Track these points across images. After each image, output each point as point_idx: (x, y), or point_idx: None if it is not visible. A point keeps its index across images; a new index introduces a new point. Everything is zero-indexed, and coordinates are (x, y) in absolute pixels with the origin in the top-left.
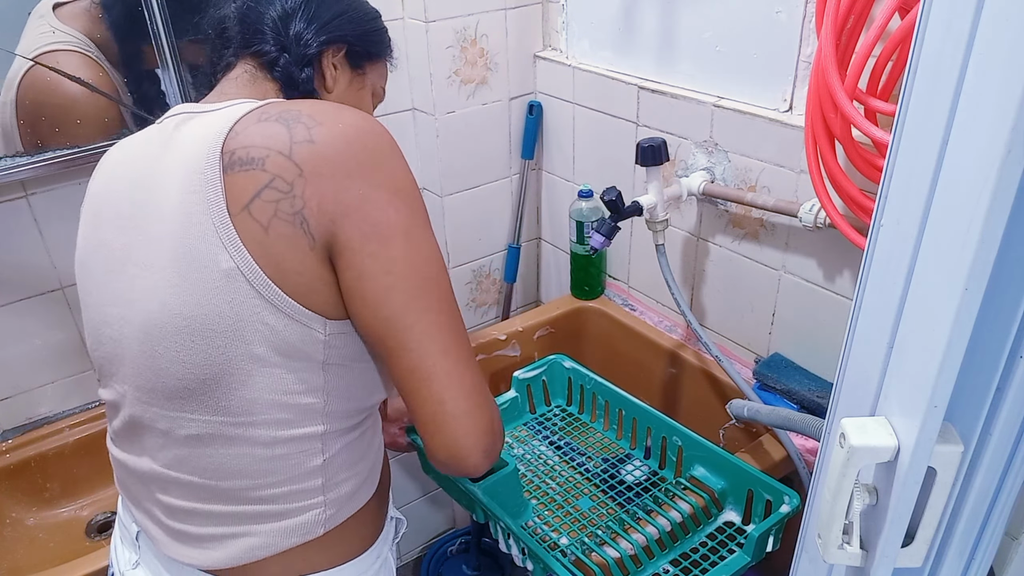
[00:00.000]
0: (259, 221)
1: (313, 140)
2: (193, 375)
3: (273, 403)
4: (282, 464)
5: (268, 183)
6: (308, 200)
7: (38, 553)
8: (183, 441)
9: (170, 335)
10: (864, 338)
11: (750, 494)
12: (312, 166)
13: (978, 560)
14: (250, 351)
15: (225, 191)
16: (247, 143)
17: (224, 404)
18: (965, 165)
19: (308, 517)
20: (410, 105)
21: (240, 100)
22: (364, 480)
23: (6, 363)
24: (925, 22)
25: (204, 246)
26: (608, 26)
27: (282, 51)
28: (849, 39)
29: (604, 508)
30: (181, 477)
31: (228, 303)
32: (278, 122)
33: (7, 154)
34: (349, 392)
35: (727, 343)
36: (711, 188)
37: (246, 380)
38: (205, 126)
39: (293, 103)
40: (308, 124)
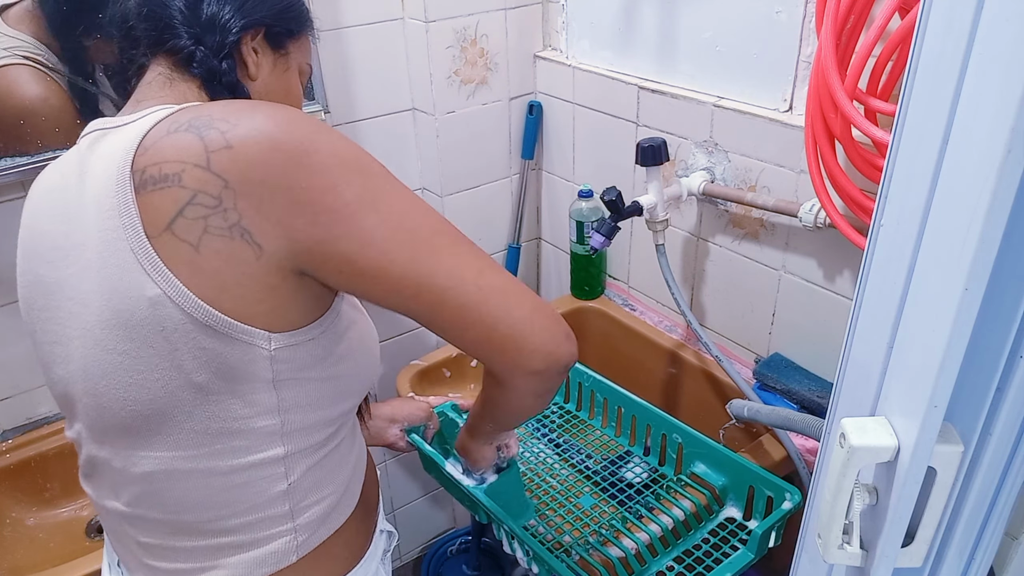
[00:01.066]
0: (187, 240)
1: (231, 145)
2: (137, 412)
3: (224, 431)
4: (242, 493)
5: (190, 199)
6: (244, 211)
7: (38, 553)
8: (139, 478)
9: (109, 373)
10: (864, 338)
11: (751, 490)
12: (238, 174)
13: (978, 560)
14: (190, 380)
15: (140, 213)
16: (158, 158)
17: (173, 439)
18: (965, 165)
19: (278, 545)
20: (410, 105)
21: (155, 107)
22: (339, 499)
23: (6, 363)
24: (925, 22)
25: (126, 275)
26: (608, 26)
27: (197, 43)
28: (849, 39)
29: (606, 506)
30: (144, 514)
31: (159, 333)
32: (189, 131)
33: (7, 154)
34: (308, 407)
35: (727, 343)
36: (711, 188)
37: (192, 411)
38: (116, 144)
39: (203, 107)
40: (222, 128)
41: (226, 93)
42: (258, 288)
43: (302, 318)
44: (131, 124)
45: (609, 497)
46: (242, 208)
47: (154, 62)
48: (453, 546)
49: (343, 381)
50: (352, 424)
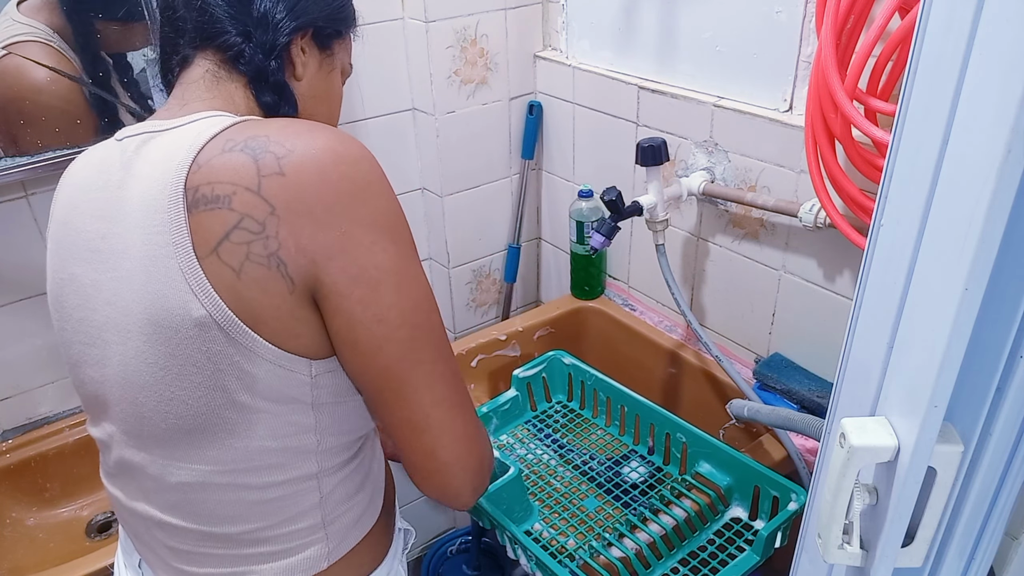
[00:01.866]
0: (230, 265)
1: (283, 172)
2: (177, 426)
3: (263, 449)
4: (278, 507)
5: (237, 223)
6: (284, 241)
7: (38, 553)
8: (175, 487)
9: (149, 385)
10: (864, 338)
11: (756, 490)
12: (285, 202)
13: (978, 560)
14: (233, 400)
15: (191, 232)
16: (212, 178)
17: (212, 453)
18: (965, 165)
19: (310, 553)
20: (410, 105)
21: (203, 114)
22: (366, 507)
23: (6, 363)
24: (925, 22)
25: (173, 293)
26: (608, 26)
27: (247, 40)
28: (849, 39)
29: (610, 508)
30: (177, 523)
31: (204, 354)
32: (244, 152)
33: (7, 154)
34: (342, 427)
35: (727, 343)
36: (711, 188)
37: (233, 429)
38: (166, 152)
39: (261, 125)
40: (277, 153)
41: (272, 93)
42: (293, 321)
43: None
44: (181, 129)
45: (613, 499)
46: (282, 237)
47: (200, 56)
48: (453, 546)
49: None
50: (372, 437)
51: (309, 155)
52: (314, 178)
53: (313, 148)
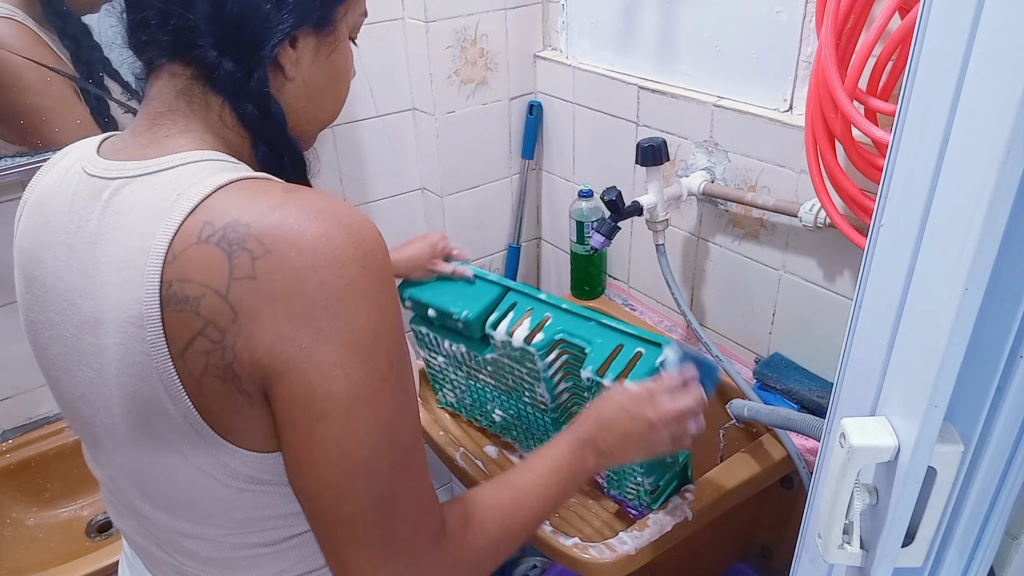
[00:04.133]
0: (192, 374)
1: (255, 276)
2: (172, 499)
3: (267, 517)
4: (294, 553)
5: (201, 330)
6: (239, 352)
7: (38, 553)
8: (179, 537)
9: (145, 466)
10: (864, 338)
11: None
12: (249, 308)
13: (978, 560)
14: (223, 484)
15: (165, 331)
16: (184, 275)
17: (214, 520)
18: (965, 165)
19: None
20: (410, 105)
21: (180, 157)
22: None
23: (6, 363)
24: (925, 22)
25: (148, 389)
26: (608, 26)
27: (222, 55)
28: (849, 39)
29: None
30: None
31: (184, 455)
32: (219, 246)
33: (7, 154)
34: None
35: (727, 343)
36: (711, 188)
37: (232, 503)
38: (142, 219)
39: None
40: (254, 252)
41: (254, 108)
42: (263, 429)
43: None
44: (158, 178)
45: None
46: (238, 348)
47: (168, 68)
48: None
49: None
50: None
51: (288, 258)
52: (287, 284)
53: (295, 247)
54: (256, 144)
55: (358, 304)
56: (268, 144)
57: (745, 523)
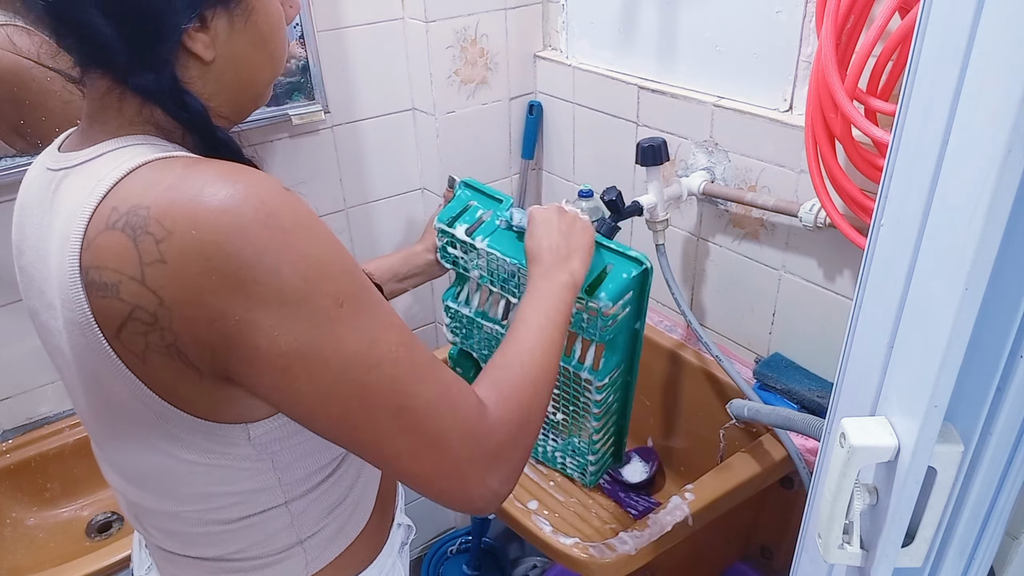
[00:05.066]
0: (134, 352)
1: (164, 259)
2: (135, 472)
3: (221, 493)
4: (248, 533)
5: (129, 314)
6: (179, 333)
7: (38, 553)
8: (150, 513)
9: (106, 439)
10: (864, 338)
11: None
12: (171, 293)
13: (978, 560)
14: (179, 458)
15: (95, 315)
16: (98, 262)
17: (173, 495)
18: (965, 165)
19: (288, 565)
20: (410, 105)
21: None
22: (349, 517)
23: (6, 363)
24: (925, 22)
25: (94, 367)
26: (608, 26)
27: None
28: (849, 39)
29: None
30: (159, 542)
31: (139, 425)
32: (124, 231)
33: (7, 154)
34: (303, 461)
35: (727, 343)
36: (711, 188)
37: (187, 477)
38: (70, 207)
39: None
40: (156, 235)
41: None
42: (214, 398)
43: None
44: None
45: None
46: (177, 329)
47: (89, 74)
48: (453, 546)
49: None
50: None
51: (189, 237)
52: (199, 263)
53: (195, 225)
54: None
55: (274, 264)
56: (194, 131)
57: (745, 523)
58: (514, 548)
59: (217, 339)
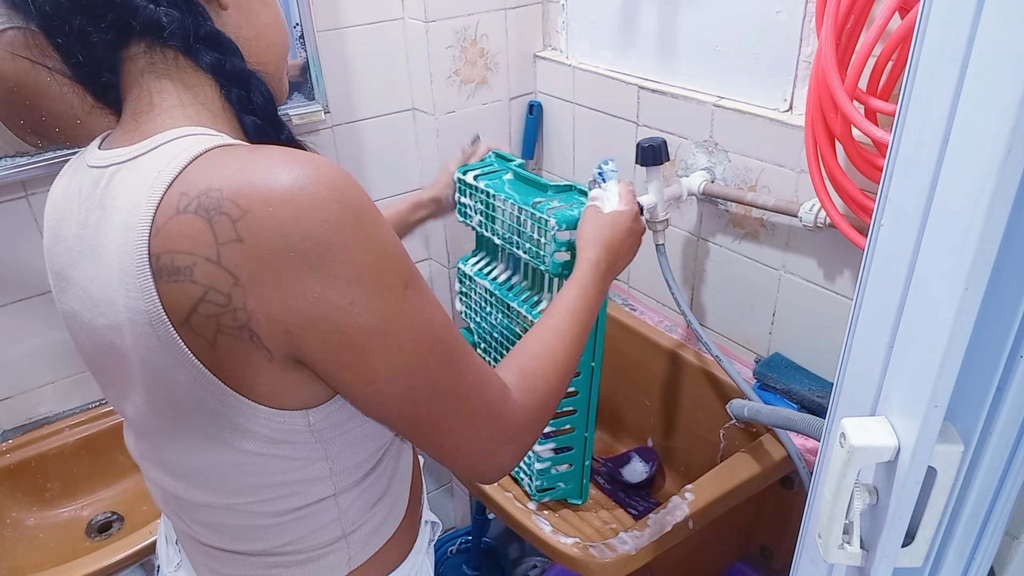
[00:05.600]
0: (204, 336)
1: (241, 239)
2: (188, 467)
3: (275, 483)
4: (296, 526)
5: (203, 296)
6: (252, 312)
7: (38, 553)
8: (198, 508)
9: (162, 431)
10: (864, 338)
11: None
12: (248, 272)
13: (978, 560)
14: (237, 446)
15: (162, 302)
16: (170, 246)
17: (226, 487)
18: (965, 165)
19: (331, 560)
20: (410, 105)
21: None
22: (389, 511)
23: (6, 363)
24: (925, 22)
25: (158, 359)
26: (608, 26)
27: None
28: (849, 39)
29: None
30: (204, 537)
31: (201, 412)
32: (197, 214)
33: (7, 154)
34: (355, 449)
35: (727, 343)
36: (711, 188)
37: (241, 467)
38: (131, 198)
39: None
40: (232, 215)
41: (209, 51)
42: (280, 384)
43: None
44: (142, 160)
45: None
46: (251, 309)
47: (126, 57)
48: (453, 546)
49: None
50: (394, 443)
51: (266, 215)
52: (276, 242)
53: (271, 202)
54: (223, 86)
55: (351, 242)
56: (233, 81)
57: (745, 523)
58: (514, 548)
59: (293, 318)
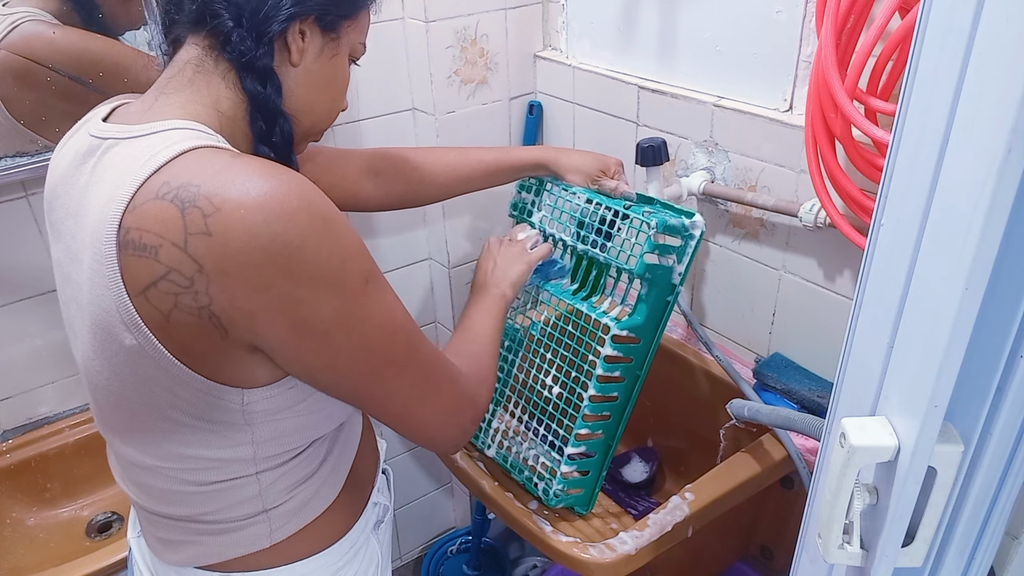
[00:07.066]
0: (159, 309)
1: (210, 232)
2: (125, 424)
3: (198, 456)
4: (218, 496)
5: (164, 275)
6: (215, 297)
7: (38, 553)
8: (130, 466)
9: (100, 385)
10: (864, 338)
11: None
12: (213, 263)
13: (978, 560)
14: (166, 415)
15: (122, 272)
16: (141, 224)
17: (153, 451)
18: (965, 165)
19: (252, 531)
20: (410, 105)
21: (166, 124)
22: (316, 491)
23: (6, 363)
24: (925, 22)
25: (109, 320)
26: (608, 26)
27: (238, 24)
28: (849, 39)
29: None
30: (135, 496)
31: (137, 375)
32: (174, 203)
33: (7, 154)
34: (282, 439)
35: (727, 343)
36: (711, 188)
37: (169, 435)
38: (119, 172)
39: (202, 165)
40: (205, 210)
41: (256, 81)
42: (226, 360)
43: (275, 376)
44: (141, 141)
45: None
46: (213, 294)
47: (192, 39)
48: (453, 546)
49: (317, 416)
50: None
51: (238, 215)
52: (243, 240)
53: (243, 206)
54: (252, 113)
55: (316, 245)
56: (263, 113)
57: (745, 523)
58: (514, 548)
59: (259, 307)
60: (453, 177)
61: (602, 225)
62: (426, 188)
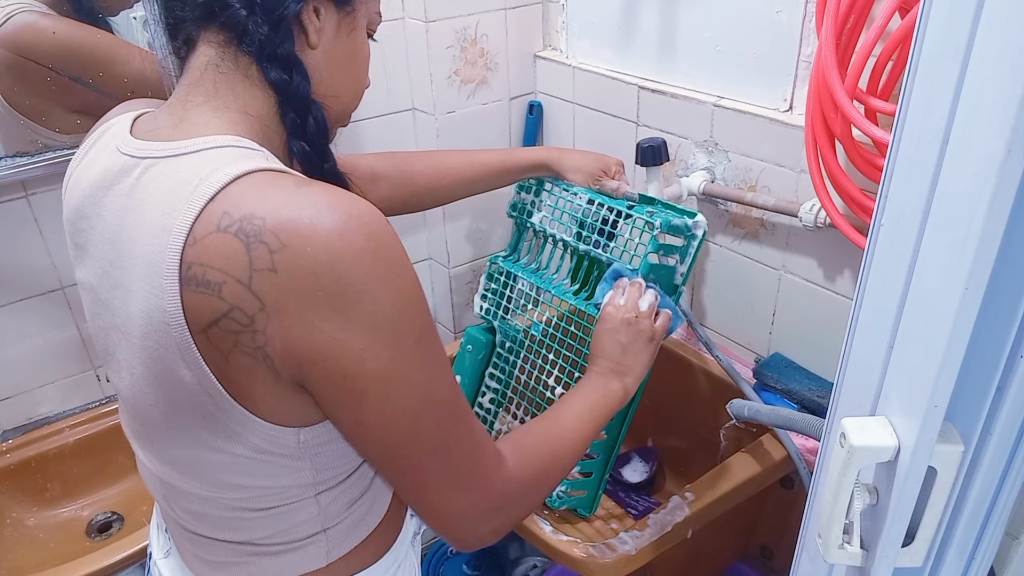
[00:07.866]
0: (219, 348)
1: (275, 269)
2: (175, 454)
3: (257, 486)
4: (277, 520)
5: (226, 313)
6: (271, 338)
7: (38, 553)
8: (184, 495)
9: (153, 421)
10: (864, 338)
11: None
12: (275, 300)
13: (978, 560)
14: (227, 449)
15: (184, 307)
16: (204, 259)
17: (211, 480)
18: (965, 165)
19: (310, 551)
20: (410, 105)
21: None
22: (370, 508)
23: (6, 363)
24: (925, 22)
25: (167, 355)
26: (608, 26)
27: (250, 12)
28: (849, 39)
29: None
30: (188, 524)
31: (199, 412)
32: (238, 237)
33: (7, 154)
34: (339, 459)
35: (727, 343)
36: (711, 188)
37: (229, 467)
38: (168, 200)
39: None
40: (271, 246)
41: (281, 70)
42: (281, 401)
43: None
44: (184, 161)
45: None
46: (270, 334)
47: (204, 37)
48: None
49: None
50: None
51: (305, 253)
52: (307, 279)
53: (311, 242)
54: (282, 106)
55: (377, 292)
56: (293, 104)
57: (745, 523)
58: (514, 548)
59: (306, 350)
60: (458, 181)
61: (604, 225)
62: (431, 193)
